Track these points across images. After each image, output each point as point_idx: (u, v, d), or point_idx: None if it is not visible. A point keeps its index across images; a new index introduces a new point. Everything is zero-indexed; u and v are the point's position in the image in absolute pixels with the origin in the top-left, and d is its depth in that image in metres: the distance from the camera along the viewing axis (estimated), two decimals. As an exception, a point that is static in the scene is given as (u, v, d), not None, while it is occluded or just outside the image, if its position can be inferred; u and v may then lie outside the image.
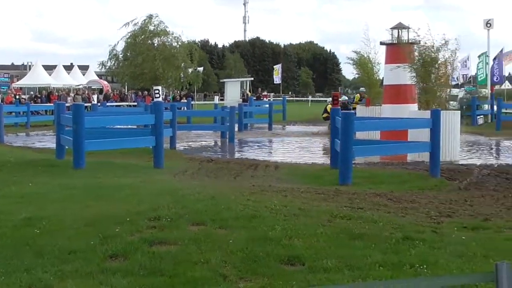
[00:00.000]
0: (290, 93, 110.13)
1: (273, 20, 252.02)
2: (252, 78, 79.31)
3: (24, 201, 11.59)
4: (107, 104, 47.67)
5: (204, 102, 73.55)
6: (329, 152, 19.71)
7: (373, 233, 9.29)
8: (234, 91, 61.79)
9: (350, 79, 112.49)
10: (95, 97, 52.18)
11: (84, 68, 78.45)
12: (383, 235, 9.21)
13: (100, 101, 49.46)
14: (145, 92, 53.17)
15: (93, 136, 18.56)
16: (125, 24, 53.80)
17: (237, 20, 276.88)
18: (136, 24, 53.39)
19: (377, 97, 31.98)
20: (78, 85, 65.50)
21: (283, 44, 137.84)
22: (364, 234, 9.22)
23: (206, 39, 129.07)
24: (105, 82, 68.84)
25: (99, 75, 77.32)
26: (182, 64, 54.84)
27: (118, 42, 55.31)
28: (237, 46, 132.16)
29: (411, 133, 21.39)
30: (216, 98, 53.67)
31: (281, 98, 59.41)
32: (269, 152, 26.80)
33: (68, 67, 77.84)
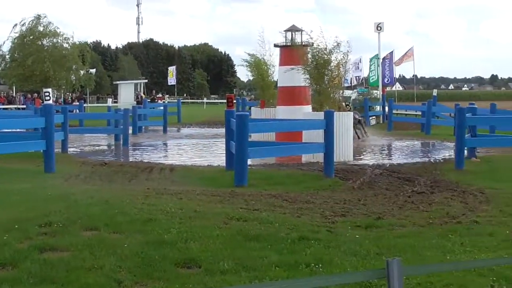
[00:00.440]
0: (185, 95, 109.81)
1: (167, 22, 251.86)
2: (146, 80, 78.68)
3: None
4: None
5: (97, 105, 72.39)
6: (224, 153, 19.70)
7: (269, 234, 9.36)
8: (128, 93, 61.02)
9: (245, 81, 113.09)
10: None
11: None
12: (279, 235, 9.29)
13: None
14: (35, 95, 51.84)
15: (-21, 141, 17.97)
16: (14, 26, 52.38)
17: (130, 21, 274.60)
18: (24, 25, 51.99)
19: (271, 99, 32.24)
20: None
21: (178, 46, 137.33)
22: (260, 235, 9.27)
23: (99, 41, 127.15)
24: (-8, 85, 66.78)
25: (-16, 77, 74.87)
26: (74, 66, 53.78)
27: (4, 42, 53.80)
28: (130, 47, 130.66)
29: (305, 134, 21.64)
30: (110, 100, 52.85)
31: (176, 100, 59.14)
32: (164, 154, 26.63)
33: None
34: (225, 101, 20.84)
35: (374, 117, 43.26)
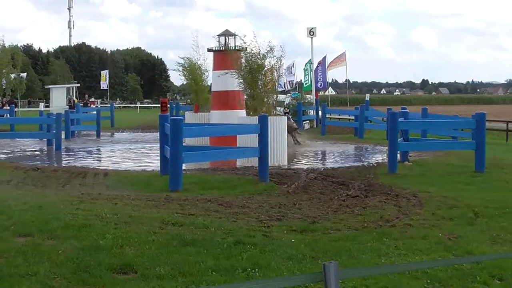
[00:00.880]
0: (118, 99, 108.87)
1: (99, 26, 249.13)
2: (78, 84, 77.67)
3: None
4: None
5: (28, 109, 71.26)
6: (159, 158, 19.59)
7: (205, 239, 9.36)
8: (60, 97, 60.22)
9: (178, 85, 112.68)
10: None
11: None
12: (215, 240, 9.30)
13: None
14: (-36, 99, 50.76)
15: None
16: None
17: (62, 25, 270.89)
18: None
19: (205, 103, 32.19)
20: None
21: (110, 50, 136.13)
22: (196, 240, 9.27)
23: (30, 44, 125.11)
24: None
25: None
26: (4, 70, 52.75)
27: None
28: (62, 51, 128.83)
29: (240, 138, 21.70)
30: (42, 105, 52.07)
31: (109, 105, 58.56)
32: (98, 159, 26.34)
33: None
34: (159, 105, 20.74)
35: (307, 121, 43.58)
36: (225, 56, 25.84)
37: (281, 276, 7.57)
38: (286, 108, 38.84)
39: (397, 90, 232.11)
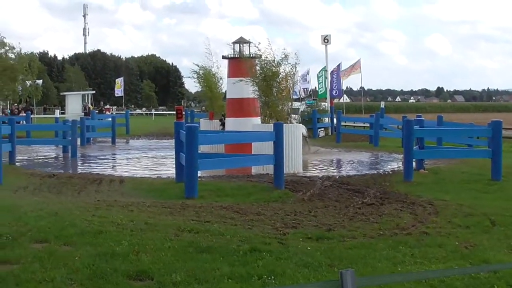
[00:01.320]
0: (133, 106, 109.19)
1: (114, 33, 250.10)
2: (93, 91, 77.94)
3: None
4: None
5: (44, 116, 71.54)
6: (174, 165, 19.62)
7: (220, 246, 9.35)
8: (75, 104, 60.52)
9: (193, 92, 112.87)
10: None
11: None
12: (230, 247, 9.29)
13: None
14: (-19, 106, 51.08)
15: None
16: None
17: (77, 32, 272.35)
18: (-32, 34, 51.21)
19: (220, 110, 32.23)
20: None
21: (125, 57, 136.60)
22: (212, 247, 9.26)
23: (46, 51, 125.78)
24: None
25: None
26: (20, 77, 53.06)
27: None
28: (77, 58, 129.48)
29: (255, 146, 21.70)
30: (57, 111, 52.29)
31: (124, 112, 58.72)
32: (113, 166, 26.39)
33: None
34: (174, 112, 20.78)
35: (322, 129, 43.49)
36: (239, 64, 25.87)
37: (297, 283, 7.56)
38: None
39: (412, 98, 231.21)
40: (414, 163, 19.82)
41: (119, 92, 76.30)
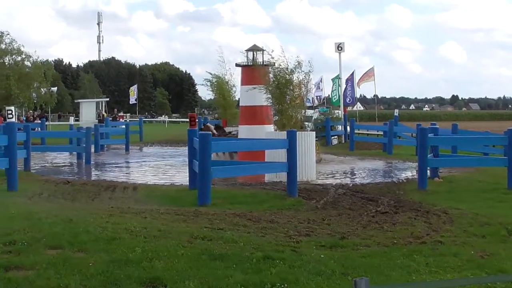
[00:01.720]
0: (146, 113, 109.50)
1: (128, 40, 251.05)
2: (107, 99, 78.29)
3: None
4: (-45, 124, 45.51)
5: (58, 123, 71.87)
6: (187, 172, 19.64)
7: (233, 253, 9.33)
8: (89, 111, 60.83)
9: (206, 100, 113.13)
10: None
11: None
12: (243, 255, 9.27)
13: None
14: (-3, 113, 51.29)
15: None
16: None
17: (91, 40, 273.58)
18: (-14, 42, 51.54)
19: (233, 118, 32.28)
20: None
21: (139, 65, 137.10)
22: (225, 255, 9.25)
23: (60, 59, 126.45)
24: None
25: None
26: (35, 84, 53.39)
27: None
28: (91, 66, 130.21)
29: (268, 153, 21.68)
30: (72, 118, 52.56)
31: (138, 119, 58.89)
32: (127, 173, 26.41)
33: None
34: (187, 120, 20.82)
35: (336, 136, 43.41)
36: (253, 71, 25.89)
37: (310, 291, 7.53)
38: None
39: (426, 106, 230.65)
40: (428, 171, 19.74)
41: (133, 99, 76.62)
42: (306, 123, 31.66)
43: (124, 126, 42.80)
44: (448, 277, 8.42)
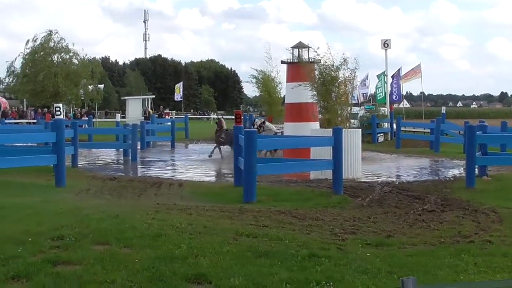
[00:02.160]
0: (192, 110, 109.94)
1: (173, 38, 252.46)
2: (153, 96, 78.72)
3: None
4: (6, 121, 46.28)
5: (105, 120, 72.60)
6: (232, 170, 19.69)
7: (279, 251, 9.31)
8: (135, 108, 61.17)
9: (251, 97, 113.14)
10: (-8, 114, 50.64)
11: (-21, 85, 75.98)
12: (289, 252, 9.24)
13: (-2, 118, 48.01)
14: (45, 109, 52.00)
15: (-9, 154, 17.99)
16: (27, 42, 52.68)
17: (138, 37, 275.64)
18: (36, 41, 52.24)
19: (279, 115, 32.24)
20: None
21: (184, 62, 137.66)
22: (270, 252, 9.23)
23: (107, 56, 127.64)
24: (3, 99, 66.98)
25: (-4, 92, 75.12)
26: (83, 81, 54.00)
27: (16, 58, 53.99)
28: (138, 63, 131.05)
29: (313, 150, 21.60)
30: (118, 115, 52.97)
31: (183, 116, 59.16)
32: (172, 170, 26.54)
33: (-37, 84, 75.25)
34: (232, 117, 20.87)
35: (382, 134, 43.10)
36: (298, 68, 25.84)
37: (356, 290, 7.49)
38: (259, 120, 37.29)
39: (473, 103, 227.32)
40: (476, 169, 19.48)
41: (178, 97, 76.94)
42: (351, 120, 31.43)
43: (170, 123, 43.04)
44: (498, 277, 8.28)
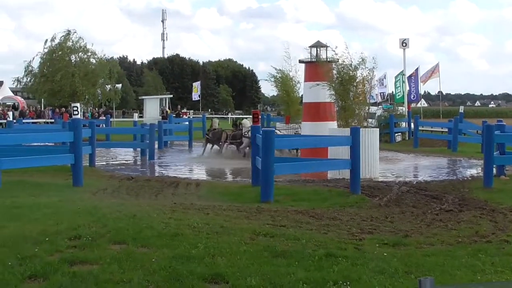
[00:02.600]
0: (209, 110, 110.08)
1: (191, 37, 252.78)
2: (171, 95, 78.90)
3: None
4: (23, 121, 46.56)
5: (122, 119, 72.84)
6: (249, 169, 19.70)
7: (296, 250, 9.30)
8: (153, 108, 61.34)
9: (269, 96, 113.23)
10: (10, 113, 50.86)
11: (-2, 84, 76.54)
12: (306, 252, 9.22)
13: (16, 118, 48.28)
14: (63, 109, 52.28)
15: (9, 154, 18.10)
16: (46, 41, 53.00)
17: (155, 37, 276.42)
18: (54, 40, 52.53)
19: (297, 114, 32.19)
20: (-8, 102, 63.96)
21: (202, 62, 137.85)
22: (287, 252, 9.22)
23: (125, 56, 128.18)
24: (20, 99, 67.40)
25: (14, 92, 75.59)
26: (100, 81, 54.24)
27: (34, 58, 54.31)
28: (155, 63, 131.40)
29: (331, 150, 21.57)
30: (135, 115, 53.15)
31: (201, 115, 59.28)
32: (189, 169, 26.60)
33: (-18, 83, 75.90)
34: (250, 116, 20.86)
35: (399, 133, 43.00)
36: (316, 68, 25.76)
37: (373, 290, 7.47)
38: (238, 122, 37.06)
39: (492, 102, 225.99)
40: (494, 169, 19.37)
41: (196, 96, 77.07)
42: (369, 119, 31.37)
43: (187, 123, 43.11)
44: (515, 277, 8.25)
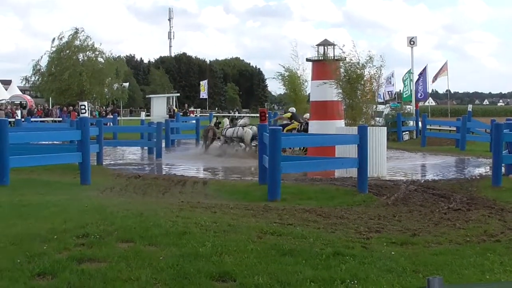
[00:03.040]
0: (216, 108, 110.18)
1: (198, 36, 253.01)
2: (178, 94, 79.02)
3: None
4: (31, 119, 46.68)
5: (130, 118, 72.88)
6: (257, 168, 19.69)
7: (303, 249, 9.29)
8: (160, 106, 61.39)
9: (276, 95, 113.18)
10: (18, 112, 51.04)
11: (6, 83, 76.71)
12: (313, 250, 9.22)
13: (24, 117, 48.42)
14: (71, 108, 52.41)
15: (17, 152, 18.13)
16: (53, 40, 53.16)
17: (162, 36, 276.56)
18: (62, 39, 52.65)
19: (303, 113, 32.15)
20: (0, 100, 64.07)
21: (209, 60, 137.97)
22: (295, 250, 9.21)
23: (132, 55, 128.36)
24: (28, 97, 67.55)
25: (22, 90, 75.78)
26: (108, 80, 54.37)
27: (42, 57, 54.46)
28: (162, 61, 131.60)
29: (338, 149, 21.54)
30: (143, 114, 53.25)
31: (208, 114, 59.33)
32: (197, 168, 26.60)
33: (-10, 82, 76.05)
34: (257, 115, 20.84)
35: (407, 132, 42.93)
36: (323, 66, 25.69)
37: (381, 289, 7.46)
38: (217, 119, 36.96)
39: (500, 101, 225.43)
40: (503, 168, 19.31)
41: (203, 94, 77.17)
42: (377, 118, 31.29)
43: (194, 121, 43.14)
44: (524, 277, 8.22)
